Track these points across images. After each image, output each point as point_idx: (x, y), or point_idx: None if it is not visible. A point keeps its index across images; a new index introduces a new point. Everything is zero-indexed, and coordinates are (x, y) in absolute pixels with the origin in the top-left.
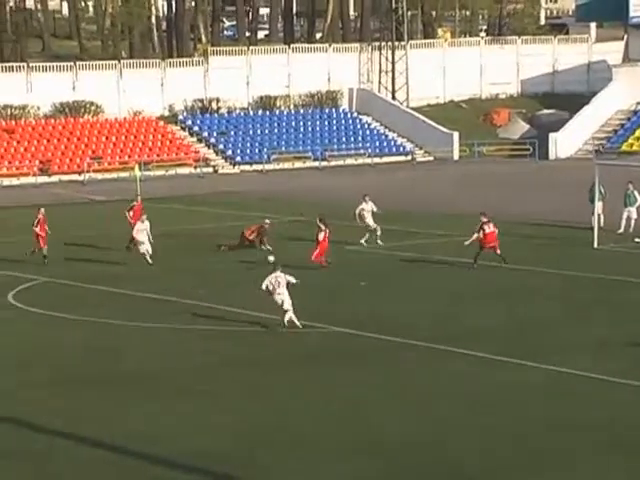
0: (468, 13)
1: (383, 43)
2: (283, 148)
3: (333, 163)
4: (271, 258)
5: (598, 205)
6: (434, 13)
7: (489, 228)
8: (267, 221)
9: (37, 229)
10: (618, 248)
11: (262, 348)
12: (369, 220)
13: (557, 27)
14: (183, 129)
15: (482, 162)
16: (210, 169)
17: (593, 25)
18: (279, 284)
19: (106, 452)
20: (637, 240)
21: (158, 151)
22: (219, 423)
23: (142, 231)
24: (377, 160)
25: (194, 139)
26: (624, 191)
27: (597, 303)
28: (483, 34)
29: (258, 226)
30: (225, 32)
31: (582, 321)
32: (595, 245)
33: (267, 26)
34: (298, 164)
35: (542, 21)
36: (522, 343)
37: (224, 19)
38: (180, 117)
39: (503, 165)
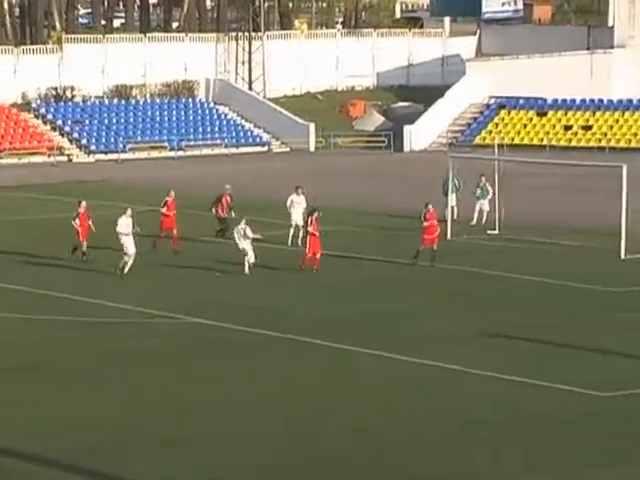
0: (325, 5)
1: (240, 34)
2: (139, 137)
3: (189, 153)
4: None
5: (452, 197)
6: (291, 4)
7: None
8: (227, 186)
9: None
10: (471, 240)
11: (119, 339)
12: (295, 215)
13: (412, 21)
14: (37, 117)
15: (338, 153)
16: (64, 158)
17: (447, 19)
18: (243, 233)
19: None
20: (489, 232)
21: (11, 139)
22: (79, 416)
23: None
24: (234, 150)
25: (48, 127)
26: (476, 184)
27: (451, 295)
28: (339, 27)
29: (222, 197)
30: (80, 19)
31: (437, 312)
32: (449, 237)
33: (123, 14)
34: (154, 154)
35: (397, 14)
36: (380, 335)
37: (79, 6)
38: (34, 105)
39: (359, 157)
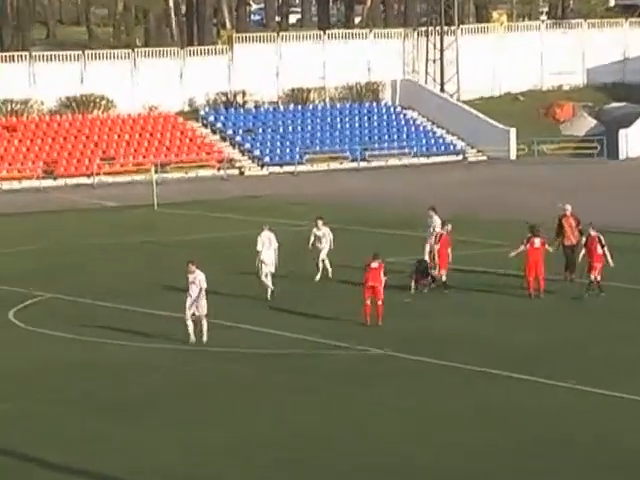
0: None
1: (430, 28)
2: (317, 147)
3: (374, 164)
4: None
5: None
6: None
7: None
8: (568, 206)
9: (437, 246)
10: None
11: (281, 370)
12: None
13: (628, 9)
14: (205, 126)
15: (543, 162)
16: (235, 171)
17: None
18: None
19: None
20: None
21: (177, 151)
22: (232, 448)
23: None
24: (424, 160)
25: (217, 137)
26: None
27: None
28: (544, 17)
29: (562, 220)
30: (252, 17)
31: None
32: None
33: (299, 10)
34: (334, 165)
35: (612, 2)
36: (580, 365)
37: (251, 2)
38: (201, 113)
39: (567, 165)
